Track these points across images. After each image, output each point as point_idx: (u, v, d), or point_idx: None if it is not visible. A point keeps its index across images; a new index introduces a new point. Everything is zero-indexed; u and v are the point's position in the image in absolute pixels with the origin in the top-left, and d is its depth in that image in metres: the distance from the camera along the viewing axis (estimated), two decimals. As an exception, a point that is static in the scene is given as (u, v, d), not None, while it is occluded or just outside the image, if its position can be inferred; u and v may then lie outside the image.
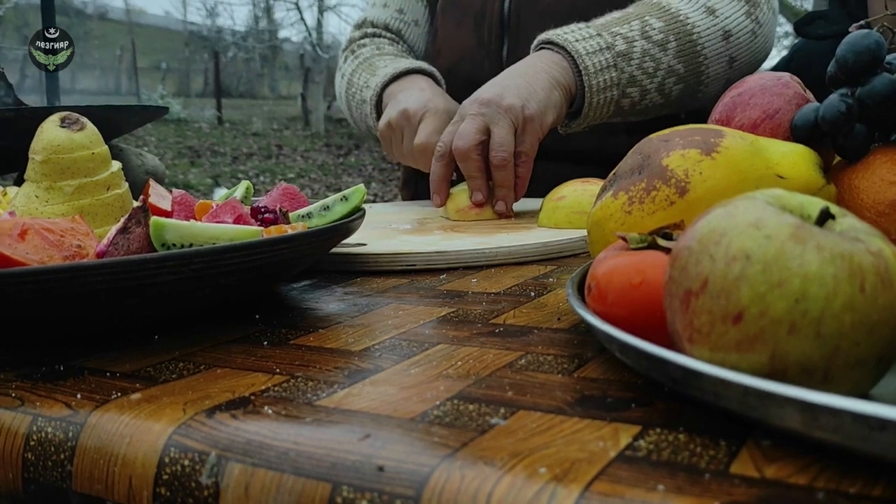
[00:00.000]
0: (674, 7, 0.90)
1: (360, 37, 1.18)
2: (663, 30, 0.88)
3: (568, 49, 0.85)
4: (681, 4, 0.91)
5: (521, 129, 0.82)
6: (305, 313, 0.49)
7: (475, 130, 0.81)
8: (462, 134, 0.81)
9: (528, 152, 0.82)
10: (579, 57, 0.85)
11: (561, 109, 0.85)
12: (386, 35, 1.18)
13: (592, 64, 0.85)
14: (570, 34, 0.86)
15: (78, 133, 0.51)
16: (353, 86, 1.10)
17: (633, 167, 0.42)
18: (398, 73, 1.01)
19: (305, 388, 0.35)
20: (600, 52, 0.85)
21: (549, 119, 0.83)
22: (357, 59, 1.12)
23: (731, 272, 0.27)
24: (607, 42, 0.86)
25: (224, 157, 8.10)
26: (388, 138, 0.97)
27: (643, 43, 0.87)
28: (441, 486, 0.26)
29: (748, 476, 0.25)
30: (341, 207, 0.57)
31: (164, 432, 0.32)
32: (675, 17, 0.89)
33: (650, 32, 0.88)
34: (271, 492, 0.29)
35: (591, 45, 0.85)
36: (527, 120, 0.81)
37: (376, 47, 1.14)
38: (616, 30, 0.87)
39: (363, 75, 1.08)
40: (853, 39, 0.42)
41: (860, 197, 0.42)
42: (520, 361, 0.38)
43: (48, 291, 0.38)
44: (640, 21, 0.88)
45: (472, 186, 0.83)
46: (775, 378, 0.27)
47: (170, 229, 0.44)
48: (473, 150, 0.81)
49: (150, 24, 18.53)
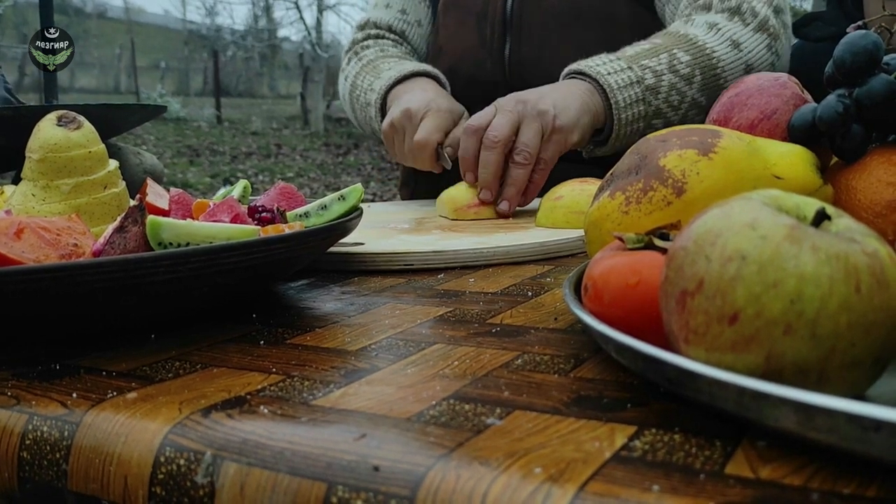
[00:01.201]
0: (700, 40, 0.91)
1: (363, 38, 1.18)
2: (690, 63, 0.90)
3: (600, 82, 0.87)
4: (707, 38, 0.92)
5: (548, 137, 0.83)
6: (302, 312, 0.49)
7: (509, 126, 0.82)
8: (498, 125, 0.82)
9: (547, 161, 0.84)
10: (611, 91, 0.86)
11: (586, 134, 0.87)
12: (389, 36, 1.18)
13: (623, 98, 0.87)
14: (602, 66, 0.88)
15: (75, 132, 0.51)
16: (357, 88, 1.10)
17: (630, 167, 0.42)
18: (402, 76, 1.01)
19: (301, 387, 0.35)
20: (630, 87, 0.87)
21: (575, 138, 0.85)
22: (361, 62, 1.12)
23: (727, 273, 0.27)
24: (637, 76, 0.87)
25: (223, 157, 8.09)
26: (390, 138, 0.97)
27: (671, 77, 0.89)
28: (436, 486, 0.26)
29: (743, 476, 0.25)
30: (339, 207, 0.57)
31: (159, 432, 0.32)
32: (703, 50, 0.90)
33: (678, 66, 0.89)
34: (266, 491, 0.29)
35: (622, 80, 0.87)
36: (555, 129, 0.82)
37: (380, 49, 1.14)
38: (645, 62, 0.88)
39: (367, 78, 1.08)
40: (851, 40, 0.42)
41: (857, 197, 0.42)
42: (516, 361, 0.38)
43: (44, 290, 0.38)
44: (669, 55, 0.89)
45: (482, 180, 0.83)
46: (771, 379, 0.27)
47: (166, 228, 0.44)
48: (502, 144, 0.81)
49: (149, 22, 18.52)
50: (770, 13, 0.94)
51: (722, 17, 0.93)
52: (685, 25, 0.93)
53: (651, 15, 1.04)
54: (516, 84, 1.03)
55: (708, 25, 0.92)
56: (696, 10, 0.96)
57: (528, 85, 1.02)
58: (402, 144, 0.96)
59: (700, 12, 0.95)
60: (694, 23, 0.93)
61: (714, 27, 0.92)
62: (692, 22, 0.93)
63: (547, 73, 0.99)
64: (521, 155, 0.82)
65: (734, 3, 0.93)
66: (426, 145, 0.90)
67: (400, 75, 1.01)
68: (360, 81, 1.09)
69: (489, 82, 1.05)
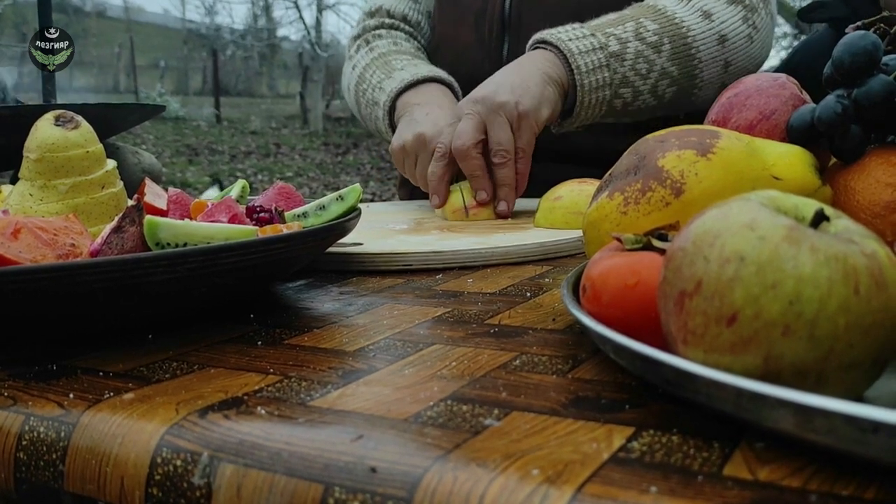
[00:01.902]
0: (669, 10, 0.90)
1: (375, 26, 1.13)
2: (657, 32, 0.88)
3: (560, 48, 0.85)
4: (676, 7, 0.91)
5: (517, 126, 0.82)
6: (300, 313, 0.49)
7: (472, 129, 0.81)
8: (460, 133, 0.81)
9: (524, 148, 0.83)
10: (571, 56, 0.85)
11: (556, 105, 0.85)
12: (403, 27, 1.14)
13: (585, 63, 0.85)
14: (564, 33, 0.87)
15: (72, 131, 0.50)
16: (364, 81, 1.05)
17: (628, 168, 0.42)
18: (416, 81, 0.98)
19: (299, 388, 0.35)
20: (593, 52, 0.86)
21: (545, 114, 0.83)
22: (372, 53, 1.07)
23: (725, 273, 0.27)
24: (600, 42, 0.86)
25: (222, 156, 8.09)
26: (401, 159, 0.93)
27: (637, 44, 0.87)
28: (433, 488, 0.26)
29: (741, 478, 0.25)
30: (337, 207, 0.57)
31: (156, 432, 0.32)
32: (671, 19, 0.89)
33: (644, 34, 0.88)
34: (263, 492, 0.29)
35: (584, 45, 0.86)
36: (521, 116, 0.81)
37: (393, 42, 1.10)
38: (610, 30, 0.87)
39: (377, 74, 1.03)
40: (850, 40, 0.42)
41: (856, 198, 0.42)
42: (514, 362, 0.38)
43: (41, 291, 0.38)
44: (635, 22, 0.88)
45: (475, 186, 0.83)
46: (769, 380, 0.27)
47: (164, 228, 0.43)
48: (472, 148, 0.81)
49: (148, 21, 18.51)
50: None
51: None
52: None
53: None
54: None
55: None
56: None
57: None
58: (413, 167, 0.92)
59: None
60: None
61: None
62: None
63: None
64: (497, 155, 0.81)
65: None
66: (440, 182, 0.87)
67: (413, 79, 0.98)
68: (369, 75, 1.05)
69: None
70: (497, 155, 0.81)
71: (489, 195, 0.83)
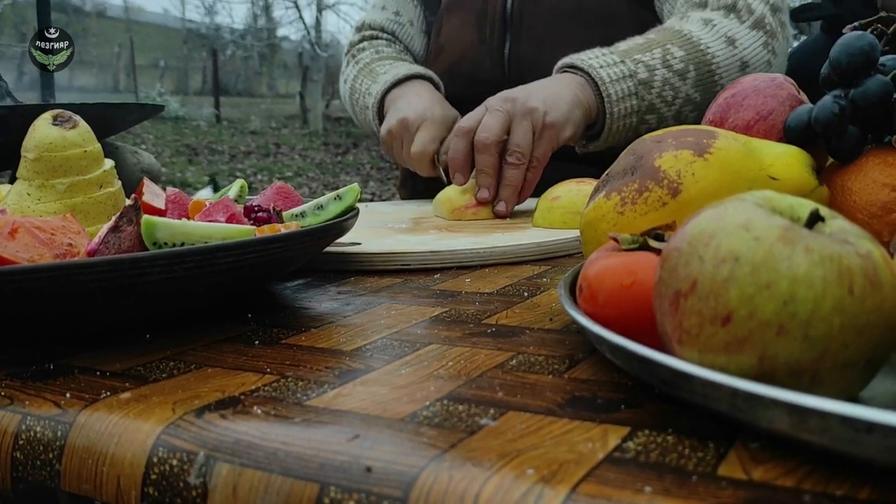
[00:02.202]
0: (695, 36, 0.91)
1: (359, 40, 1.21)
2: (684, 59, 0.90)
3: (592, 75, 0.87)
4: (702, 33, 0.92)
5: (539, 135, 0.83)
6: (298, 313, 0.49)
7: (499, 126, 0.82)
8: (486, 126, 0.82)
9: (540, 158, 0.84)
10: (602, 84, 0.86)
11: (579, 128, 0.87)
12: (383, 36, 1.21)
13: (615, 91, 0.87)
14: (595, 59, 0.88)
15: (70, 131, 0.50)
16: (355, 91, 1.13)
17: (625, 168, 0.42)
18: (397, 80, 1.04)
19: (296, 387, 0.35)
20: (622, 80, 0.87)
21: (567, 133, 0.85)
22: (358, 65, 1.15)
23: (720, 274, 0.27)
24: (630, 70, 0.87)
25: (222, 156, 8.09)
26: (388, 145, 1.00)
27: (664, 72, 0.89)
28: (429, 488, 0.26)
29: (736, 478, 0.25)
30: (335, 206, 0.57)
31: (152, 432, 0.32)
32: (696, 46, 0.91)
33: (671, 61, 0.89)
34: (259, 492, 0.29)
35: (614, 73, 0.87)
36: (546, 126, 0.83)
37: (375, 51, 1.17)
38: (638, 57, 0.89)
39: (364, 81, 1.11)
40: (847, 41, 0.42)
41: (852, 199, 0.42)
42: (511, 362, 0.38)
43: (38, 290, 0.38)
44: (662, 49, 0.90)
45: (481, 182, 0.83)
46: (764, 380, 0.27)
47: (161, 228, 0.43)
48: (494, 145, 0.82)
49: (148, 21, 18.51)
50: (767, 11, 0.94)
51: (717, 14, 0.93)
52: (680, 22, 0.94)
53: (651, 14, 1.04)
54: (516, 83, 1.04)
55: (703, 22, 0.92)
56: (692, 8, 0.96)
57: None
58: (400, 151, 0.98)
59: (696, 9, 0.95)
60: (689, 19, 0.93)
61: (709, 23, 0.92)
62: (687, 18, 0.94)
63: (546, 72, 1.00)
64: (513, 156, 0.82)
65: (730, 1, 0.94)
66: (422, 157, 0.93)
67: (395, 79, 1.04)
68: (359, 85, 1.12)
69: (489, 81, 1.05)
70: (513, 155, 0.82)
71: (491, 195, 0.83)
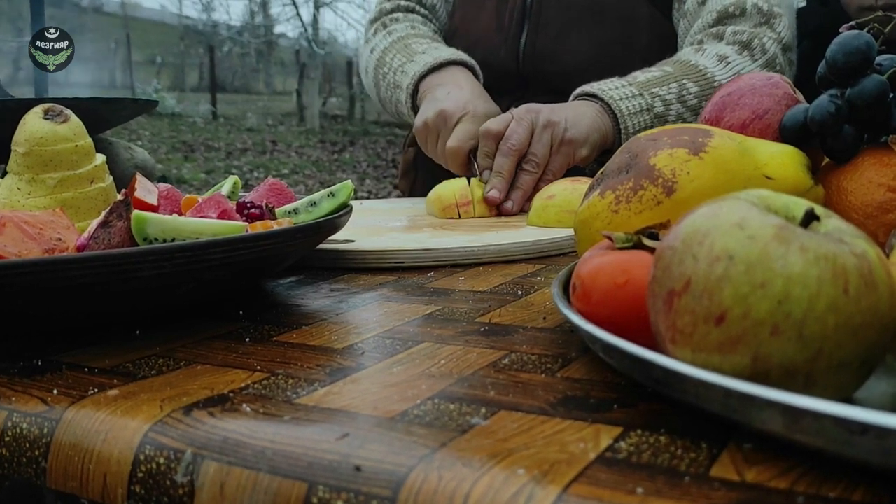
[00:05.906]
0: (710, 72, 0.93)
1: (391, 9, 1.15)
2: (698, 95, 0.92)
3: (612, 106, 0.89)
4: (716, 69, 0.93)
5: (556, 149, 0.85)
6: (290, 310, 0.49)
7: (526, 134, 0.85)
8: (516, 133, 0.85)
9: (555, 172, 0.87)
10: (621, 116, 0.89)
11: (594, 151, 0.89)
12: (419, 10, 1.16)
13: (633, 124, 0.89)
14: (614, 91, 0.90)
15: (61, 125, 0.50)
16: (384, 65, 1.07)
17: (620, 166, 0.42)
18: (437, 64, 1.00)
19: (286, 385, 0.35)
20: (639, 114, 0.89)
21: (584, 153, 0.87)
22: (391, 36, 1.09)
23: (714, 272, 0.27)
24: (647, 104, 0.89)
25: (218, 153, 8.07)
26: (423, 137, 0.96)
27: (678, 107, 0.91)
28: (418, 487, 0.26)
29: (728, 479, 0.25)
30: (328, 203, 0.57)
31: (139, 429, 0.32)
32: (710, 83, 0.92)
33: (686, 97, 0.91)
34: (247, 491, 0.28)
35: (632, 106, 0.89)
36: (564, 142, 0.85)
37: (410, 25, 1.11)
38: (656, 90, 0.90)
39: (398, 57, 1.05)
40: (844, 40, 0.42)
41: (848, 198, 0.41)
42: (503, 361, 0.37)
43: (26, 285, 0.38)
44: (678, 84, 0.91)
45: (494, 184, 0.84)
46: (757, 380, 0.26)
47: (152, 223, 0.43)
48: (518, 152, 0.85)
49: (145, 17, 18.45)
50: (778, 51, 0.95)
51: (732, 49, 0.94)
52: (696, 55, 0.95)
53: (668, 22, 1.04)
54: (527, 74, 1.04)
55: (718, 58, 0.94)
56: (709, 38, 0.97)
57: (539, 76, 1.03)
58: (434, 145, 0.95)
59: (712, 41, 0.96)
60: (705, 53, 0.95)
61: (724, 60, 0.94)
62: (703, 52, 0.95)
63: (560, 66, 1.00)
64: (530, 163, 0.85)
65: (745, 38, 0.95)
66: (458, 153, 0.91)
67: (436, 62, 1.00)
68: (390, 59, 1.06)
69: (500, 70, 1.04)
70: (529, 163, 0.85)
71: (501, 197, 0.84)
